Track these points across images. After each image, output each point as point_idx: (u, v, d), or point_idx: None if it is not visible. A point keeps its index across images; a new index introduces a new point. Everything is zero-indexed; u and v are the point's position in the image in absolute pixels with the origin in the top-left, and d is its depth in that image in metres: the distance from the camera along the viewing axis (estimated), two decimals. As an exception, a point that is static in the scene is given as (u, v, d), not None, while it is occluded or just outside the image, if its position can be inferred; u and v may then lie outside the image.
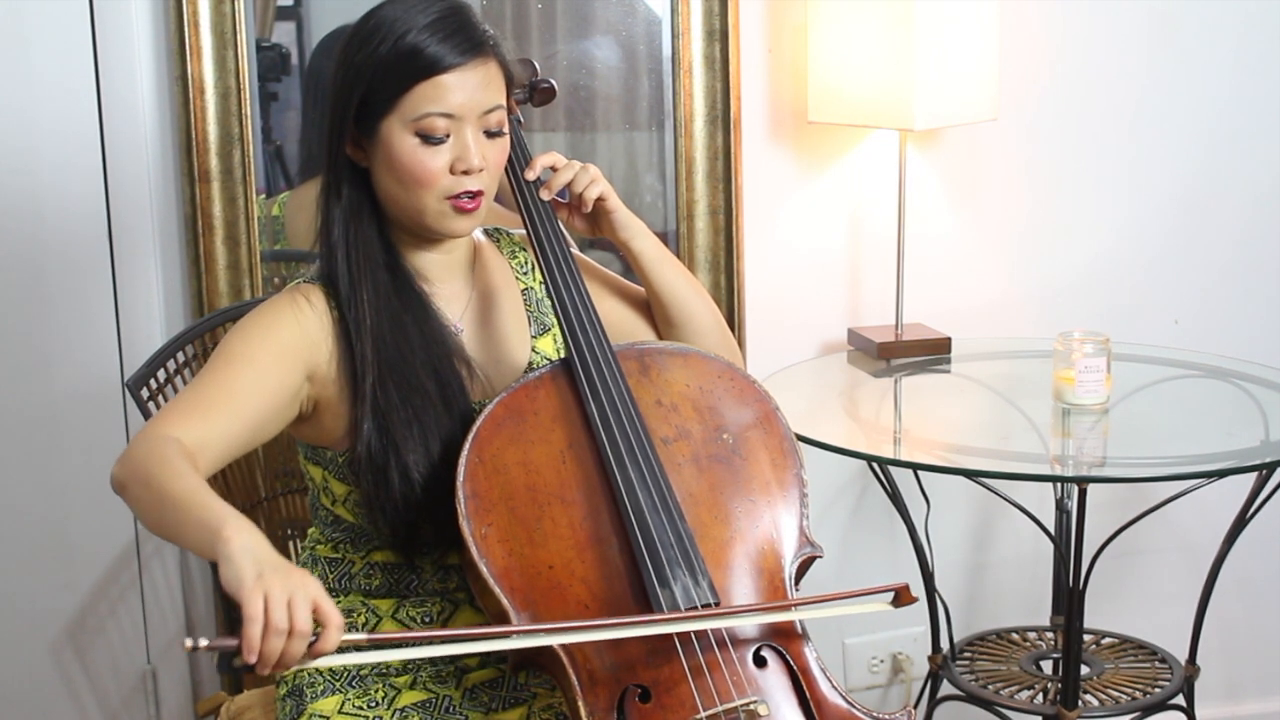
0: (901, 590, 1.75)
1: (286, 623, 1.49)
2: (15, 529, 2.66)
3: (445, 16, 1.78)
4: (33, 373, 2.62)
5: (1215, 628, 3.03)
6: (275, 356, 1.78)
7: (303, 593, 1.51)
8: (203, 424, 1.70)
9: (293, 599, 1.50)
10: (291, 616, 1.49)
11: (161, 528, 1.65)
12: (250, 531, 1.55)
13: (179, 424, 1.69)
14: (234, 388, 1.74)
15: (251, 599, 1.49)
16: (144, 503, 1.64)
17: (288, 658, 1.51)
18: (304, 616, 1.50)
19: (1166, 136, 3.06)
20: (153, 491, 1.62)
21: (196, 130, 2.57)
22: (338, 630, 1.53)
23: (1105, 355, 2.56)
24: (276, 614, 1.49)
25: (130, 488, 1.66)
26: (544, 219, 1.92)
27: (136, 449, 1.67)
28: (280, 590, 1.50)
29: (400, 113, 1.77)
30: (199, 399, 1.73)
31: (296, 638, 1.50)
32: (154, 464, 1.63)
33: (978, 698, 2.75)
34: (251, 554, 1.53)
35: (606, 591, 1.73)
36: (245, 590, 1.50)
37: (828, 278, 2.96)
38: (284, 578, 1.51)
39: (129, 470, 1.66)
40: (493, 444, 1.78)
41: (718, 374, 1.91)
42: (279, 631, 1.49)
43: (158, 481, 1.62)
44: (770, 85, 2.85)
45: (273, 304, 1.83)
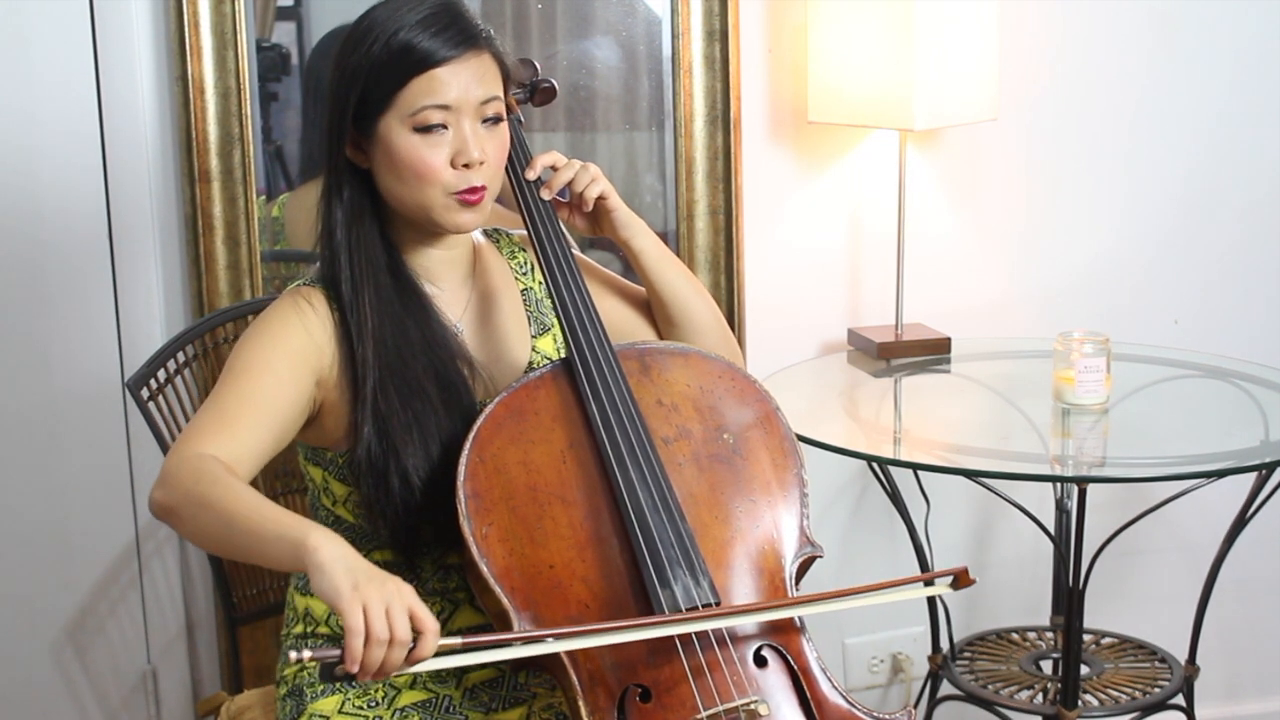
0: (960, 573, 1.76)
1: (387, 632, 1.52)
2: (15, 529, 2.66)
3: (436, 13, 1.79)
4: (33, 373, 2.62)
5: (1215, 628, 3.03)
6: (288, 363, 1.78)
7: (399, 601, 1.53)
8: (232, 438, 1.71)
9: (390, 608, 1.52)
10: (391, 626, 1.52)
11: (225, 546, 1.65)
12: (336, 540, 1.57)
13: (210, 441, 1.70)
14: (254, 398, 1.74)
15: (351, 610, 1.51)
16: (200, 523, 1.64)
17: (388, 666, 1.54)
18: (403, 625, 1.52)
19: (1166, 136, 3.06)
20: (212, 511, 1.62)
21: (196, 130, 2.57)
22: (434, 636, 1.55)
23: (1105, 355, 2.56)
24: (377, 625, 1.51)
25: (181, 510, 1.65)
26: (544, 219, 1.93)
27: (178, 472, 1.66)
28: (378, 600, 1.52)
29: (397, 110, 1.78)
30: (223, 414, 1.73)
31: (397, 646, 1.53)
32: (206, 484, 1.63)
33: (978, 698, 2.75)
34: (344, 563, 1.54)
35: (607, 591, 1.73)
36: (344, 601, 1.52)
37: (828, 278, 2.96)
38: (380, 586, 1.53)
39: (177, 494, 1.65)
40: (493, 444, 1.78)
41: (718, 374, 1.91)
42: (380, 642, 1.52)
43: (215, 500, 1.62)
44: (770, 85, 2.85)
45: (277, 311, 1.83)
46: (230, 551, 1.67)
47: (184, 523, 1.66)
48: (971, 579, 1.77)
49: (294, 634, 1.94)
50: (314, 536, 1.56)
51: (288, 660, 1.52)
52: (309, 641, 1.91)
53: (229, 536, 1.62)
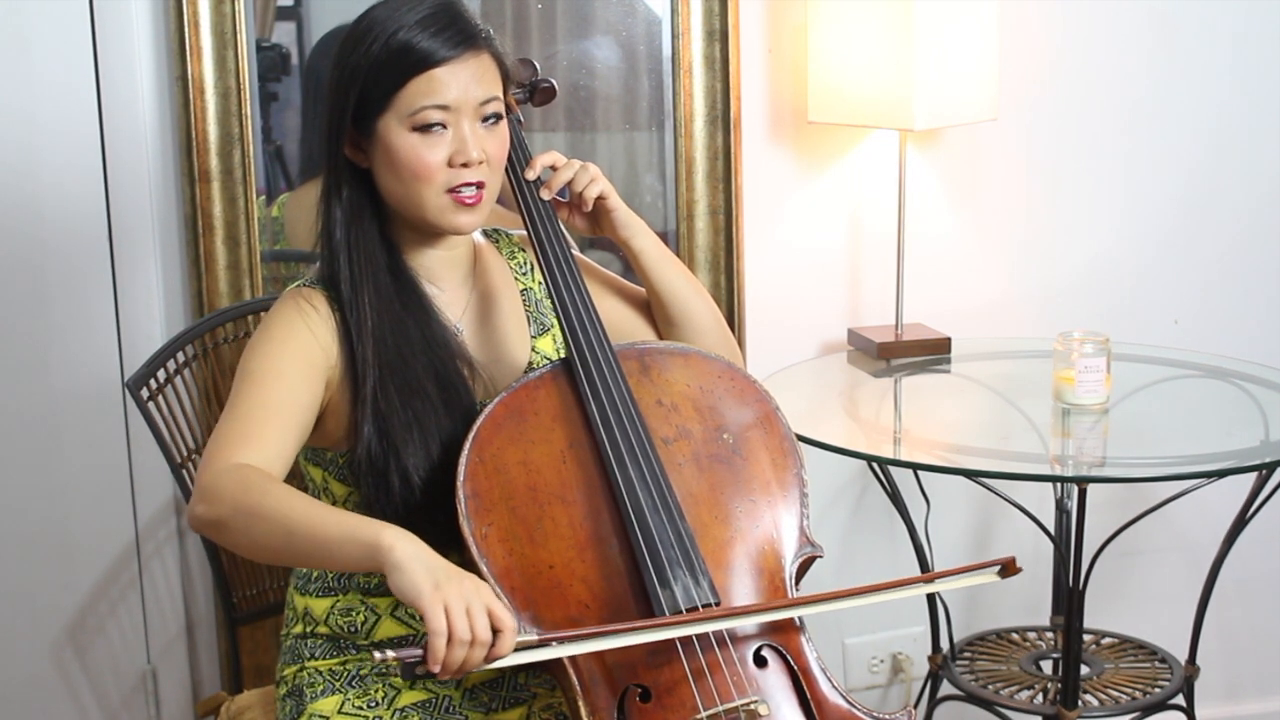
0: (1008, 563, 1.78)
1: (469, 633, 1.54)
2: (15, 529, 2.66)
3: (435, 13, 1.79)
4: (33, 373, 2.62)
5: (1215, 628, 3.03)
6: (300, 366, 1.78)
7: (478, 600, 1.55)
8: (261, 446, 1.70)
9: (470, 607, 1.54)
10: (472, 626, 1.54)
11: (285, 554, 1.65)
12: (409, 537, 1.58)
13: (240, 451, 1.69)
14: (274, 404, 1.74)
15: (433, 611, 1.53)
16: (255, 534, 1.63)
17: (468, 664, 1.55)
18: (483, 625, 1.54)
19: (1166, 136, 3.06)
20: (267, 521, 1.61)
21: (196, 130, 2.57)
22: (512, 634, 1.57)
23: (1105, 355, 2.56)
24: (459, 625, 1.53)
25: (232, 522, 1.64)
26: (544, 219, 1.93)
27: (219, 484, 1.65)
28: (458, 600, 1.53)
29: (396, 109, 1.78)
30: (246, 424, 1.72)
31: (478, 646, 1.55)
32: (255, 494, 1.63)
33: (978, 698, 2.75)
34: (421, 562, 1.56)
35: (607, 591, 1.73)
36: (425, 602, 1.53)
37: (828, 278, 2.96)
38: (459, 585, 1.55)
39: (224, 507, 1.64)
40: (493, 444, 1.78)
41: (718, 374, 1.91)
42: (463, 642, 1.53)
43: (270, 509, 1.61)
44: (770, 85, 2.85)
45: (281, 315, 1.82)
46: (289, 559, 1.67)
47: (234, 534, 1.65)
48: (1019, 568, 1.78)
49: (294, 634, 1.94)
50: (387, 535, 1.57)
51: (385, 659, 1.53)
52: (308, 643, 1.91)
53: (290, 544, 1.62)
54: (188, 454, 2.36)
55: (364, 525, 1.59)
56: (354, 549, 1.58)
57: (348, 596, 1.89)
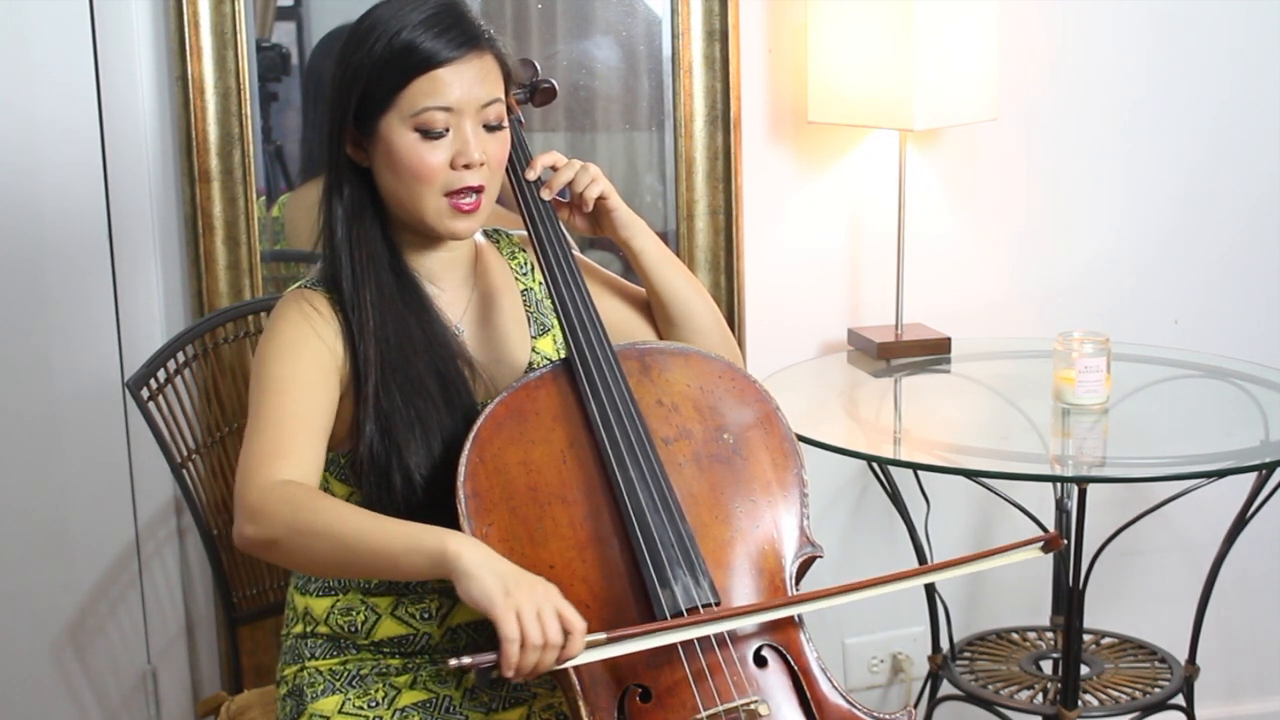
0: (1052, 539, 1.78)
1: (541, 638, 1.55)
2: (15, 529, 2.66)
3: (439, 13, 1.79)
4: (33, 373, 2.62)
5: (1215, 628, 3.03)
6: (315, 372, 1.78)
7: (549, 604, 1.56)
8: (297, 459, 1.71)
9: (541, 612, 1.56)
10: (544, 630, 1.55)
11: (345, 568, 1.66)
12: (474, 543, 1.59)
13: (278, 467, 1.69)
14: (298, 413, 1.74)
15: (506, 619, 1.54)
16: (314, 551, 1.64)
17: (541, 667, 1.57)
18: (555, 629, 1.56)
19: (1166, 136, 3.06)
20: (324, 538, 1.62)
21: (196, 130, 2.57)
22: (581, 636, 1.59)
23: (1105, 355, 2.56)
24: (532, 631, 1.55)
25: (287, 542, 1.64)
26: (544, 219, 1.93)
27: (265, 504, 1.65)
28: (530, 605, 1.55)
29: (399, 109, 1.78)
30: (277, 437, 1.72)
31: (550, 649, 1.56)
32: (305, 511, 1.63)
33: (978, 698, 2.75)
34: (489, 568, 1.57)
35: (607, 591, 1.73)
36: (498, 609, 1.54)
37: (828, 278, 2.96)
38: (529, 590, 1.56)
39: (277, 527, 1.64)
40: (494, 444, 1.78)
41: (718, 374, 1.91)
42: (535, 647, 1.55)
43: (325, 526, 1.62)
44: (770, 85, 2.85)
45: (287, 320, 1.82)
46: (350, 572, 1.69)
47: (291, 554, 1.66)
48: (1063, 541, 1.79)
49: (294, 634, 1.94)
50: (452, 543, 1.58)
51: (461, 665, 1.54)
52: (308, 643, 1.91)
53: (351, 559, 1.63)
54: (188, 454, 2.36)
55: (427, 535, 1.60)
56: (419, 559, 1.59)
57: (348, 596, 1.89)
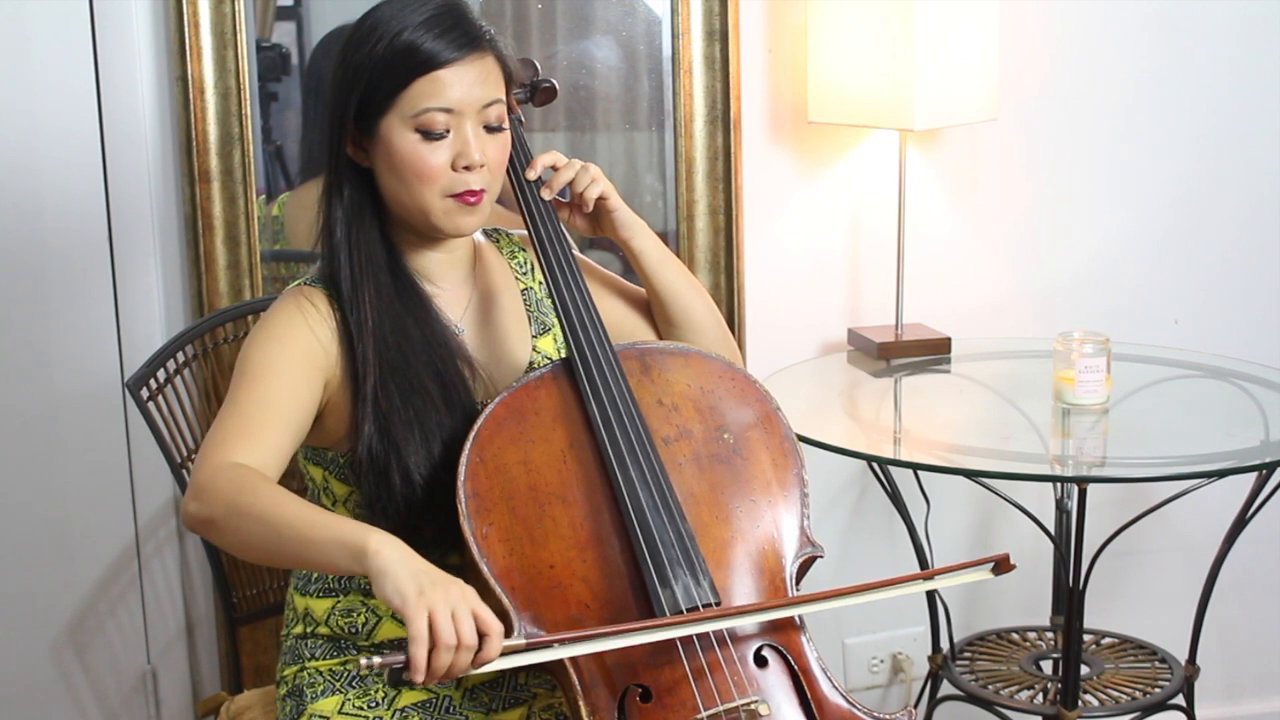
0: (1001, 560, 1.77)
1: (454, 638, 1.52)
2: (15, 529, 2.66)
3: (440, 13, 1.79)
4: (33, 373, 2.62)
5: (1215, 628, 3.03)
6: (298, 364, 1.78)
7: (464, 605, 1.54)
8: (257, 444, 1.71)
9: (456, 612, 1.53)
10: (457, 631, 1.52)
11: (274, 555, 1.65)
12: (394, 542, 1.57)
13: (236, 449, 1.69)
14: (270, 401, 1.74)
15: (416, 618, 1.51)
16: (245, 533, 1.63)
17: (454, 670, 1.54)
18: (469, 629, 1.53)
19: (1166, 136, 3.06)
20: (257, 521, 1.62)
21: (196, 130, 2.57)
22: (499, 638, 1.56)
23: (1105, 355, 2.56)
24: (444, 631, 1.52)
25: (223, 522, 1.64)
26: (545, 218, 1.92)
27: (213, 483, 1.65)
28: (443, 605, 1.52)
29: (399, 110, 1.78)
30: (242, 421, 1.72)
31: (463, 650, 1.53)
32: (246, 494, 1.63)
33: (978, 698, 2.75)
34: (406, 566, 1.55)
35: (607, 591, 1.73)
36: (410, 608, 1.52)
37: (828, 278, 2.96)
38: (444, 591, 1.53)
39: (216, 506, 1.64)
40: (494, 443, 1.78)
41: (719, 374, 1.91)
42: (448, 648, 1.52)
43: (259, 509, 1.61)
44: (770, 85, 2.85)
45: (281, 312, 1.82)
46: (278, 559, 1.67)
47: (225, 534, 1.66)
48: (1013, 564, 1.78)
49: (294, 634, 1.94)
50: (373, 540, 1.56)
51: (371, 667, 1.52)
52: (308, 643, 1.91)
53: (278, 545, 1.62)
54: (188, 454, 2.36)
55: (351, 529, 1.58)
56: (339, 552, 1.57)
57: (348, 597, 1.89)
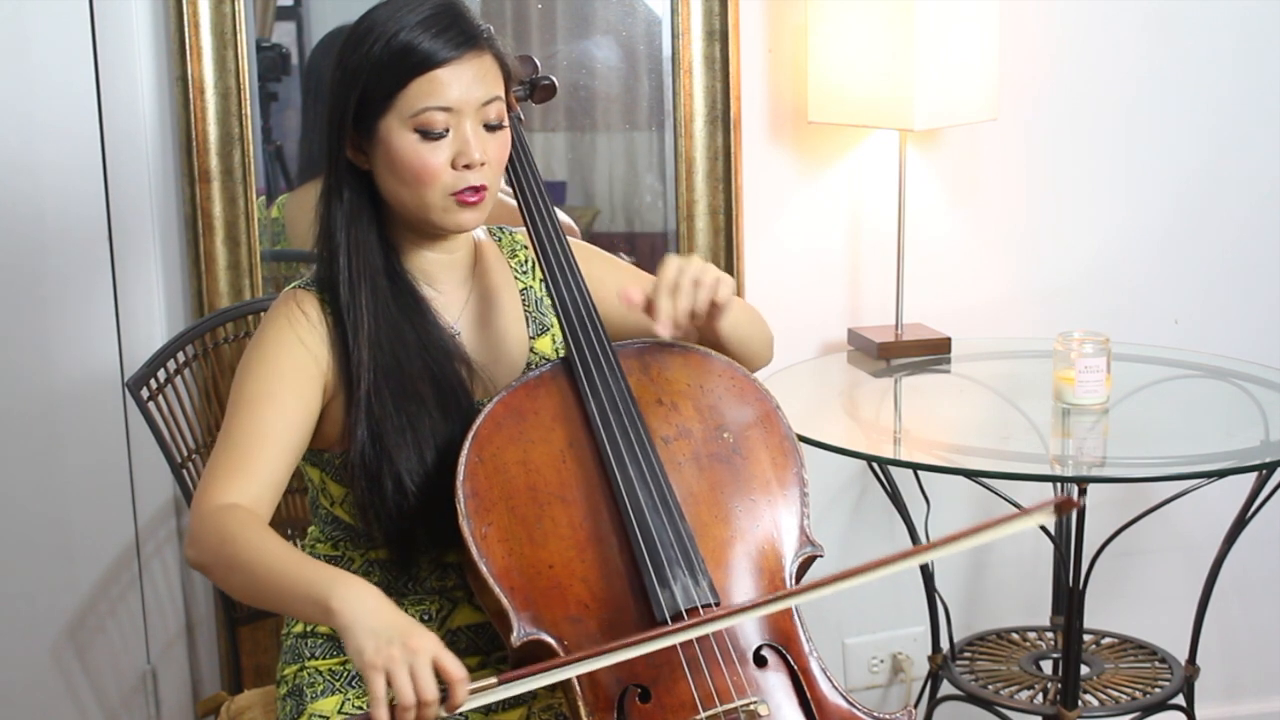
0: (1065, 501, 1.62)
1: (412, 696, 1.51)
2: (15, 528, 2.66)
3: (437, 13, 1.79)
4: (33, 372, 2.62)
5: (1215, 628, 3.02)
6: (291, 385, 1.78)
7: (423, 657, 1.53)
8: (250, 478, 1.72)
9: (414, 667, 1.52)
10: (417, 688, 1.52)
11: (257, 601, 1.68)
12: (359, 597, 1.56)
13: (230, 487, 1.71)
14: (264, 430, 1.75)
15: (373, 680, 1.51)
16: (232, 584, 1.68)
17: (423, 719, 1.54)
18: (428, 685, 1.52)
19: (1166, 136, 3.06)
20: (240, 573, 1.64)
21: (196, 130, 2.57)
22: (463, 685, 1.55)
23: (1105, 355, 2.56)
24: (402, 691, 1.51)
25: (214, 571, 1.68)
26: (544, 218, 1.92)
27: (203, 530, 1.68)
28: (401, 662, 1.51)
29: (398, 110, 1.78)
30: (236, 454, 1.73)
31: (427, 706, 1.52)
32: (229, 545, 1.65)
33: (978, 698, 2.75)
34: (365, 624, 1.54)
35: (606, 591, 1.73)
36: (367, 670, 1.52)
37: (828, 278, 2.96)
38: (401, 646, 1.52)
39: (206, 555, 1.68)
40: (493, 443, 1.78)
41: (718, 373, 1.91)
42: (407, 707, 1.51)
43: (241, 561, 1.64)
44: (770, 85, 2.85)
45: (272, 327, 1.82)
46: (265, 606, 1.69)
47: (218, 580, 1.71)
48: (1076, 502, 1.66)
49: (294, 633, 1.94)
50: (335, 598, 1.56)
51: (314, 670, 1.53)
52: (308, 643, 1.91)
53: (259, 594, 1.65)
54: (188, 454, 2.36)
55: (319, 584, 1.58)
56: (309, 608, 1.59)
57: (347, 596, 1.89)
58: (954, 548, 1.64)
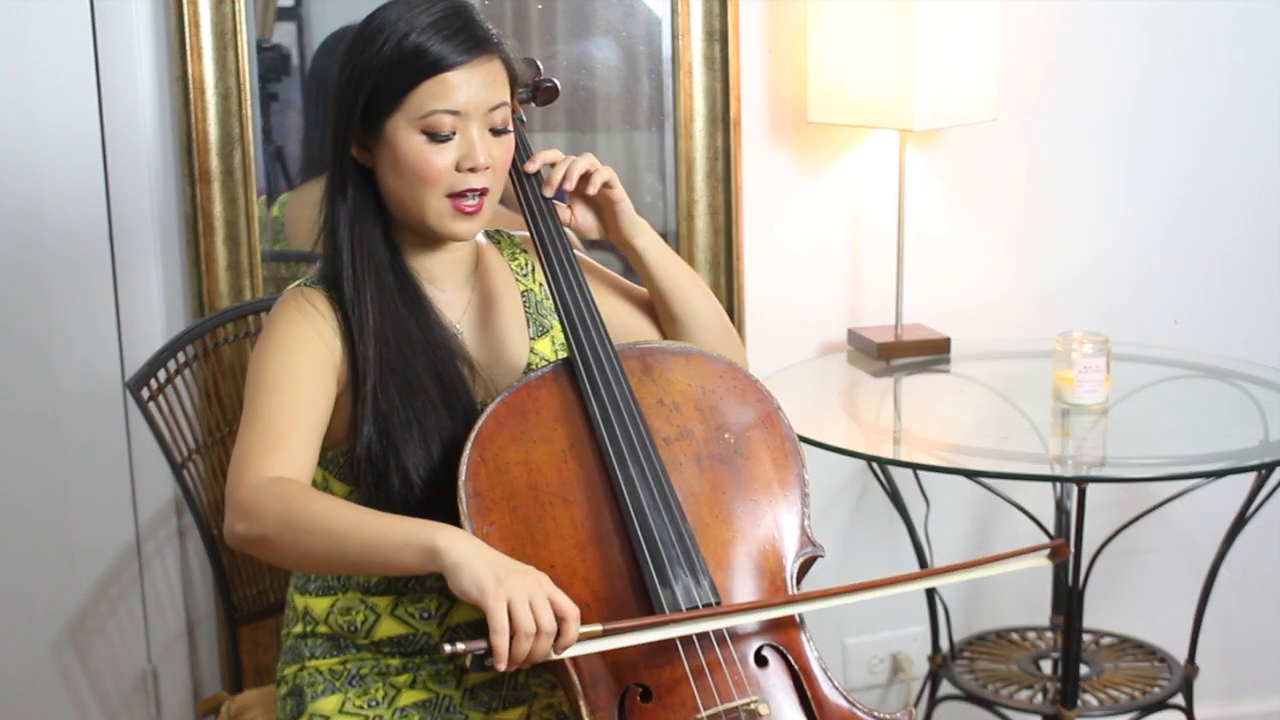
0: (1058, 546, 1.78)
1: (534, 626, 1.55)
2: (15, 529, 2.66)
3: (448, 15, 1.79)
4: (33, 373, 2.62)
5: (1215, 628, 3.03)
6: (312, 370, 1.78)
7: (540, 592, 1.57)
8: (289, 455, 1.71)
9: (534, 600, 1.56)
10: (536, 618, 1.56)
11: (336, 564, 1.66)
12: (464, 536, 1.60)
13: (269, 463, 1.69)
14: (294, 410, 1.74)
15: (496, 609, 1.54)
16: (304, 547, 1.64)
17: (535, 655, 1.57)
18: (547, 617, 1.56)
19: (1166, 136, 3.07)
20: (316, 534, 1.63)
21: (197, 130, 2.57)
22: (575, 622, 1.59)
23: (1105, 355, 2.56)
24: (524, 620, 1.55)
25: (277, 538, 1.64)
26: (546, 218, 1.92)
27: (258, 501, 1.65)
28: (521, 594, 1.55)
29: (405, 111, 1.78)
30: (269, 433, 1.72)
31: (543, 637, 1.56)
32: (296, 508, 1.64)
33: (978, 698, 2.75)
34: (480, 559, 1.57)
35: (608, 591, 1.73)
36: (489, 599, 1.55)
37: (828, 278, 2.96)
38: (521, 580, 1.57)
39: (266, 522, 1.64)
40: (495, 443, 1.78)
41: (720, 374, 1.91)
42: (528, 635, 1.55)
43: (317, 522, 1.63)
44: (770, 85, 2.85)
45: (285, 319, 1.82)
46: (342, 568, 1.68)
47: (281, 549, 1.66)
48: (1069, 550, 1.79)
49: (294, 633, 1.94)
50: (441, 537, 1.58)
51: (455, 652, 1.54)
52: (308, 643, 1.91)
53: (342, 554, 1.63)
54: (188, 454, 2.36)
55: (418, 529, 1.60)
56: (410, 554, 1.59)
57: (347, 595, 1.89)
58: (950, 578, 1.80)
